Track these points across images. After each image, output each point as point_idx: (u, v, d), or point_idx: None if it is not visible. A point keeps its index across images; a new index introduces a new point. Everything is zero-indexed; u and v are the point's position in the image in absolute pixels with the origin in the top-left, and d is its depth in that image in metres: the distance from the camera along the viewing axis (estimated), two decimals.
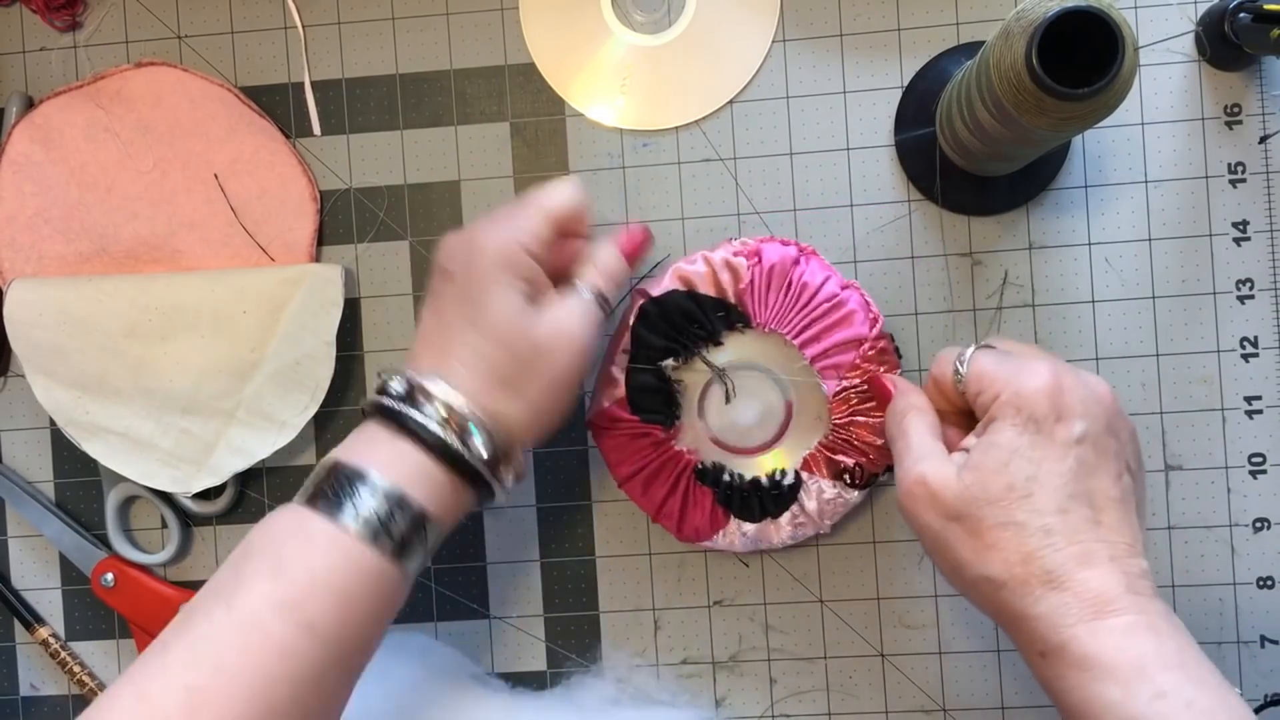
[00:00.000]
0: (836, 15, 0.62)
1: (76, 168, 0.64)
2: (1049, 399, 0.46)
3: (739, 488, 0.59)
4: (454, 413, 0.49)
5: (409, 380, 0.50)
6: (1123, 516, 0.46)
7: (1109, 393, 0.48)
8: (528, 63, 0.63)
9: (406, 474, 0.49)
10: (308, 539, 0.47)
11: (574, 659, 0.63)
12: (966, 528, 0.46)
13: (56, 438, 0.65)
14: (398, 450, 0.49)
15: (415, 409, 0.49)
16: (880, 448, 0.58)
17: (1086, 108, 0.46)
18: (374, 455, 0.49)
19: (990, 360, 0.49)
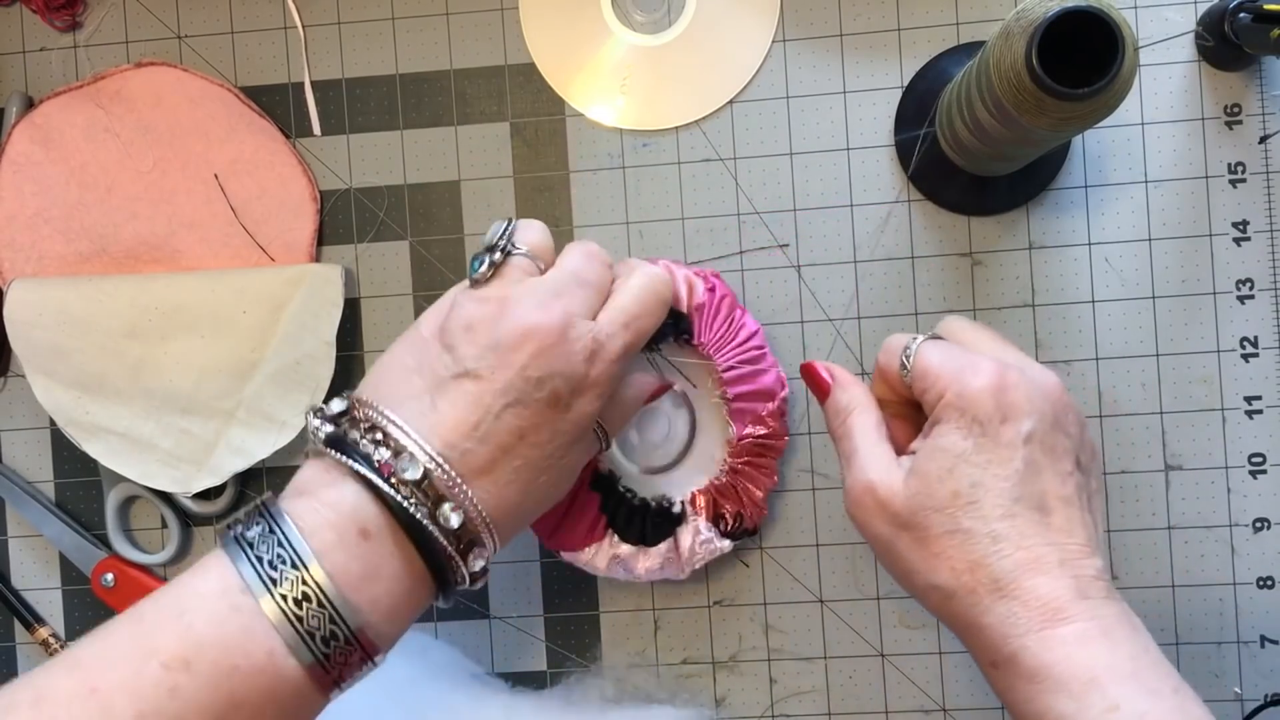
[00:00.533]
0: (836, 15, 0.62)
1: (76, 168, 0.64)
2: (993, 399, 0.44)
3: (628, 503, 0.59)
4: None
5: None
6: (1074, 515, 0.44)
7: (1057, 385, 0.46)
8: (528, 63, 0.63)
9: (331, 540, 0.43)
10: (224, 639, 0.40)
11: (574, 659, 0.63)
12: (914, 536, 0.45)
13: (56, 438, 0.65)
14: (330, 497, 0.43)
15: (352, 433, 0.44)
16: (756, 501, 0.59)
17: (1086, 108, 0.46)
18: (323, 526, 0.43)
19: (936, 355, 0.47)
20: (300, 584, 0.41)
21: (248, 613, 0.41)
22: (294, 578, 0.41)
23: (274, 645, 0.41)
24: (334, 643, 0.41)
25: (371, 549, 0.43)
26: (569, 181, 0.63)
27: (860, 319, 0.62)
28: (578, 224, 0.63)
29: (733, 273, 0.62)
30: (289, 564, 0.41)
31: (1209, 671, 0.60)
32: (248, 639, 0.40)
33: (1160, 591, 0.60)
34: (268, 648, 0.41)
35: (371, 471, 0.43)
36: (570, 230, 0.63)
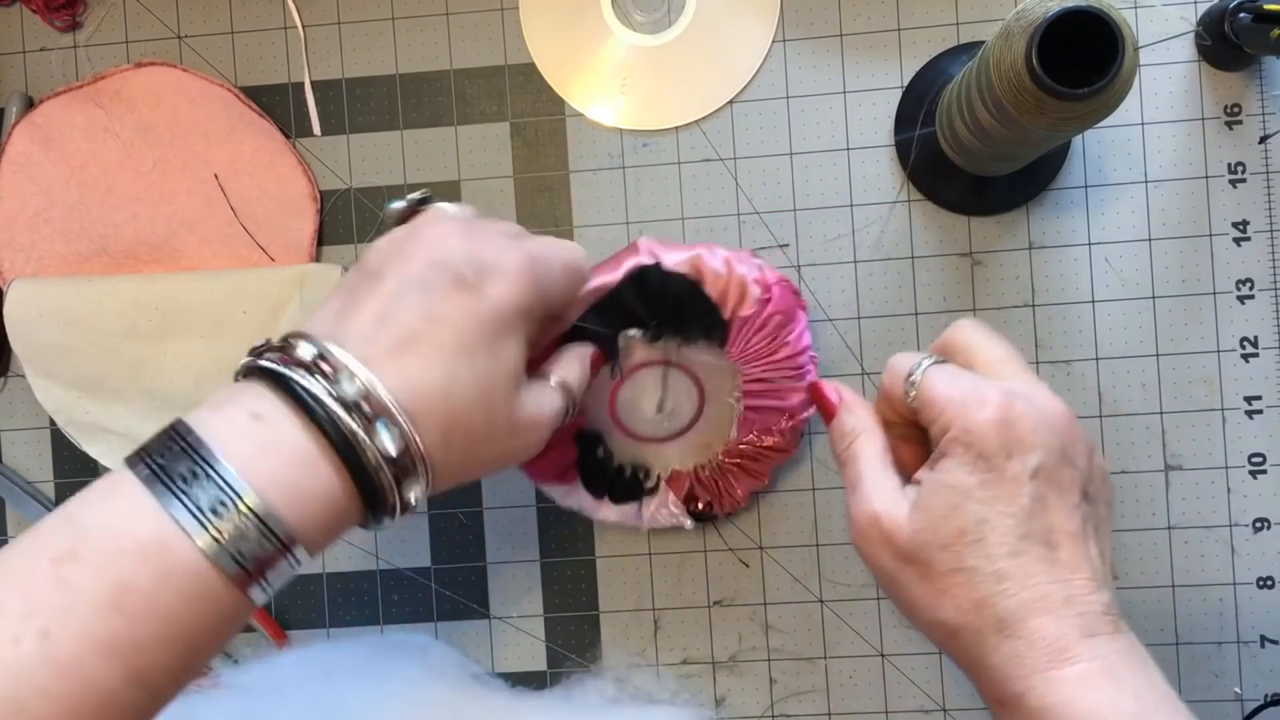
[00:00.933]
0: (836, 15, 0.62)
1: (76, 168, 0.64)
2: (998, 433, 0.43)
3: (604, 464, 0.60)
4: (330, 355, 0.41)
5: (319, 347, 0.41)
6: (1080, 550, 0.43)
7: (1064, 414, 0.45)
8: (528, 63, 0.63)
9: (269, 458, 0.39)
10: (138, 549, 0.37)
11: (574, 659, 0.63)
12: (919, 571, 0.44)
13: (56, 438, 0.65)
14: (276, 433, 0.40)
15: (313, 378, 0.41)
16: (734, 499, 0.60)
17: (1086, 108, 0.46)
18: (225, 425, 0.40)
19: (942, 384, 0.45)
20: (188, 457, 0.38)
21: (130, 494, 0.38)
22: (185, 459, 0.38)
23: (160, 522, 0.38)
24: (223, 511, 0.38)
25: (266, 429, 0.40)
26: (569, 181, 0.63)
27: (860, 319, 0.62)
28: (578, 224, 0.63)
29: None
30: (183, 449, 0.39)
31: (1209, 671, 0.60)
32: (134, 519, 0.38)
33: (1160, 591, 0.60)
34: (154, 524, 0.38)
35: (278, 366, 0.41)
36: (570, 230, 0.63)
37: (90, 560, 0.37)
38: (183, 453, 0.39)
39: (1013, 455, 0.43)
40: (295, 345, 0.42)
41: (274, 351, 0.42)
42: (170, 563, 0.37)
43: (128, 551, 0.37)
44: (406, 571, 0.64)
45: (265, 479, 0.39)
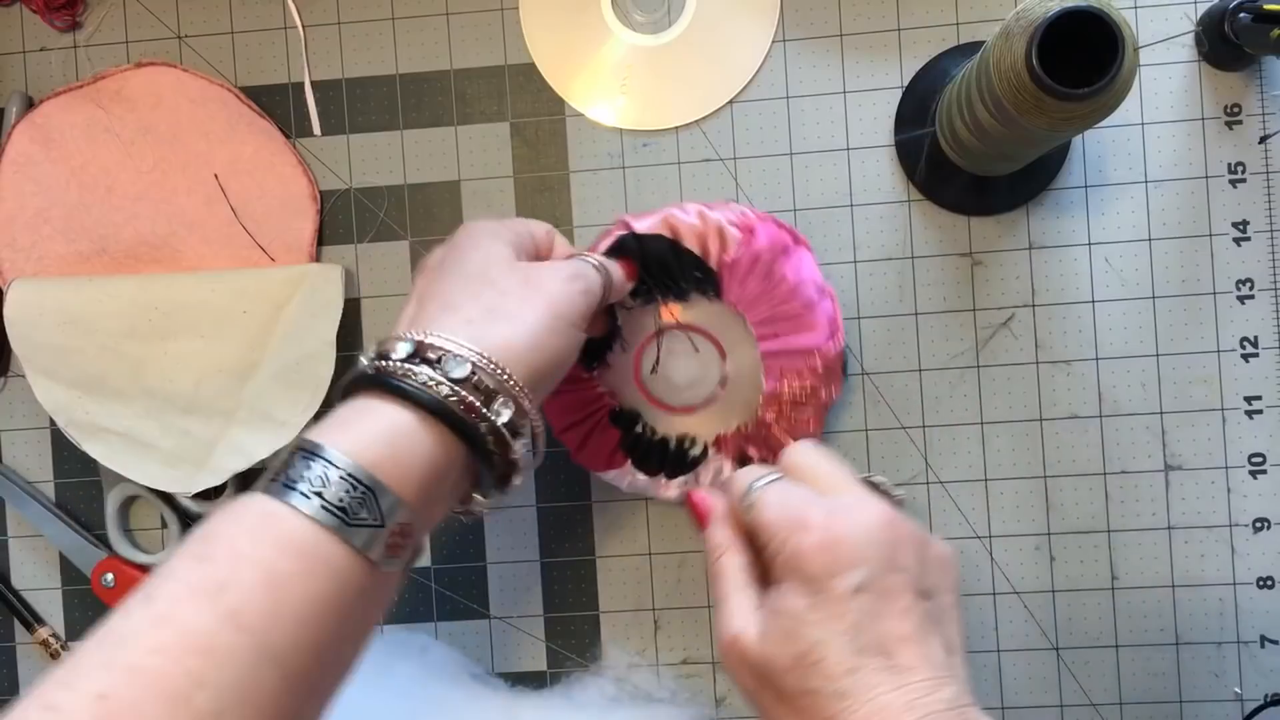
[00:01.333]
0: (836, 15, 0.62)
1: (76, 168, 0.64)
2: (820, 558, 0.44)
3: (646, 439, 0.59)
4: (428, 347, 0.44)
5: (414, 340, 0.45)
6: (917, 651, 0.44)
7: (884, 523, 0.45)
8: (528, 63, 0.63)
9: (366, 442, 0.42)
10: (239, 516, 0.41)
11: (574, 659, 0.63)
12: (773, 693, 0.45)
13: (56, 438, 0.65)
14: (366, 414, 0.43)
15: (394, 354, 0.44)
16: None
17: (1086, 108, 0.46)
18: (337, 425, 0.44)
19: (773, 505, 0.47)
20: (322, 466, 0.42)
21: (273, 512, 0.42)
22: (321, 468, 0.42)
23: (270, 504, 0.41)
24: (324, 481, 0.41)
25: (401, 437, 0.43)
26: (569, 181, 0.63)
27: (860, 319, 0.62)
28: (578, 224, 0.63)
29: None
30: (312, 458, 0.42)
31: (1209, 671, 0.60)
32: (276, 525, 0.41)
33: (1160, 591, 0.60)
34: (263, 507, 0.41)
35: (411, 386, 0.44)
36: (571, 230, 0.63)
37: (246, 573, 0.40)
38: (296, 455, 0.42)
39: (835, 575, 0.44)
40: (392, 348, 0.45)
41: (377, 359, 0.45)
42: (280, 531, 0.40)
43: (246, 533, 0.40)
44: None
45: (365, 452, 0.42)
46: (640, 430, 0.60)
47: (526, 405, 0.45)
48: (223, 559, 0.39)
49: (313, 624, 0.40)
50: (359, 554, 0.41)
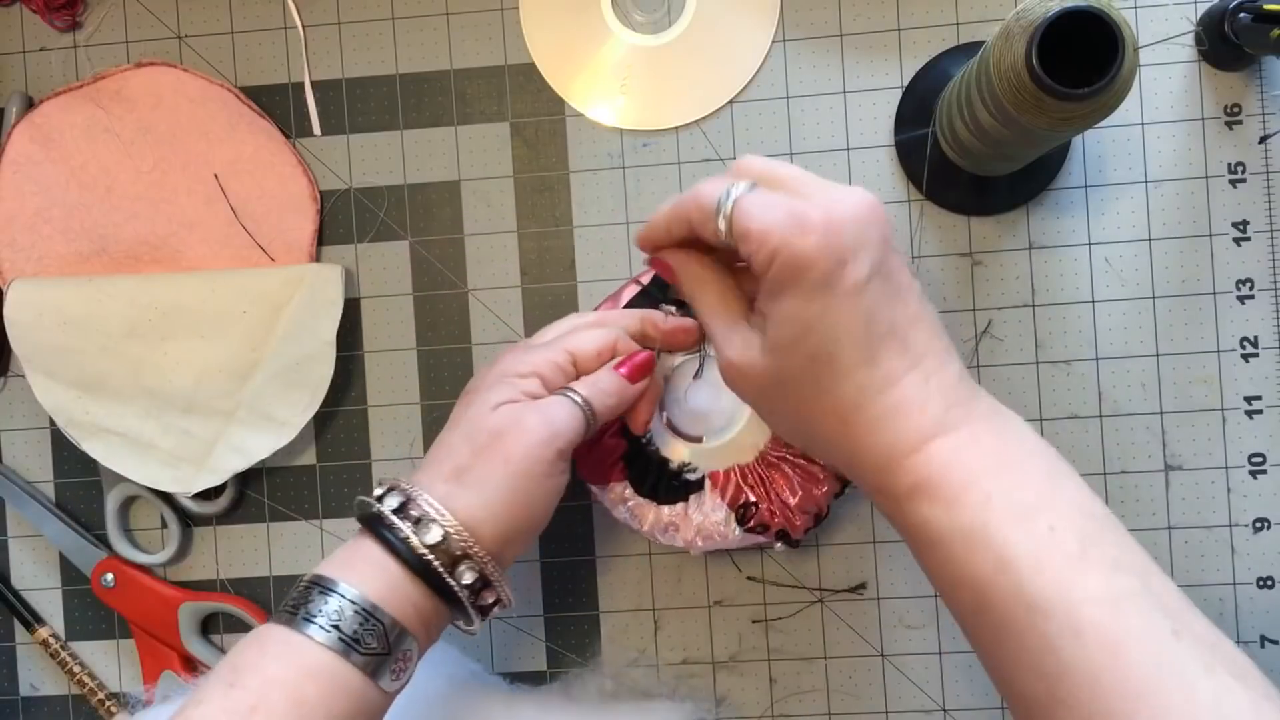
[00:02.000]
0: (836, 15, 0.62)
1: (76, 168, 0.64)
2: (827, 250, 0.43)
3: (648, 456, 0.58)
4: (412, 503, 0.48)
5: (389, 483, 0.50)
6: (927, 330, 0.45)
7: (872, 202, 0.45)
8: (528, 63, 0.63)
9: (371, 578, 0.47)
10: (264, 647, 0.46)
11: (574, 659, 0.63)
12: (785, 398, 0.46)
13: (56, 438, 0.65)
14: (364, 554, 0.48)
15: (384, 506, 0.49)
16: (788, 509, 0.57)
17: (1086, 108, 0.46)
18: (342, 563, 0.48)
19: (757, 212, 0.44)
20: (338, 600, 0.46)
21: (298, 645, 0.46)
22: (336, 603, 0.47)
23: (320, 653, 0.46)
24: (339, 615, 0.46)
25: (396, 580, 0.48)
26: (569, 181, 0.63)
27: None
28: (578, 224, 0.63)
29: None
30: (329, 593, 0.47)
31: None
32: (303, 659, 0.46)
33: None
34: (284, 635, 0.46)
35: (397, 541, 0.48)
36: (570, 230, 0.63)
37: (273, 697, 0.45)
38: (313, 590, 0.47)
39: (845, 264, 0.43)
40: (385, 495, 0.49)
41: (375, 499, 0.50)
42: (303, 659, 0.45)
43: (273, 660, 0.46)
44: None
45: (371, 589, 0.47)
46: (645, 444, 0.59)
47: (489, 570, 0.49)
48: (253, 685, 0.44)
49: None
50: (368, 677, 0.46)
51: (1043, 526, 0.42)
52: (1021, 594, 0.41)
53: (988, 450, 0.44)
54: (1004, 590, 0.41)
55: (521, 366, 0.52)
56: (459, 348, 0.63)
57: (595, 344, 0.54)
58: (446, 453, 0.50)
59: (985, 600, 0.42)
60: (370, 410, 0.64)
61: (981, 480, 0.43)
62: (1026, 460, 0.44)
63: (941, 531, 0.43)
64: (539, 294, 0.63)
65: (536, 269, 0.63)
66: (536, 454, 0.49)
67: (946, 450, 0.44)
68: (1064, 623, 0.40)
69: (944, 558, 0.43)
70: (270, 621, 0.47)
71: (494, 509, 0.49)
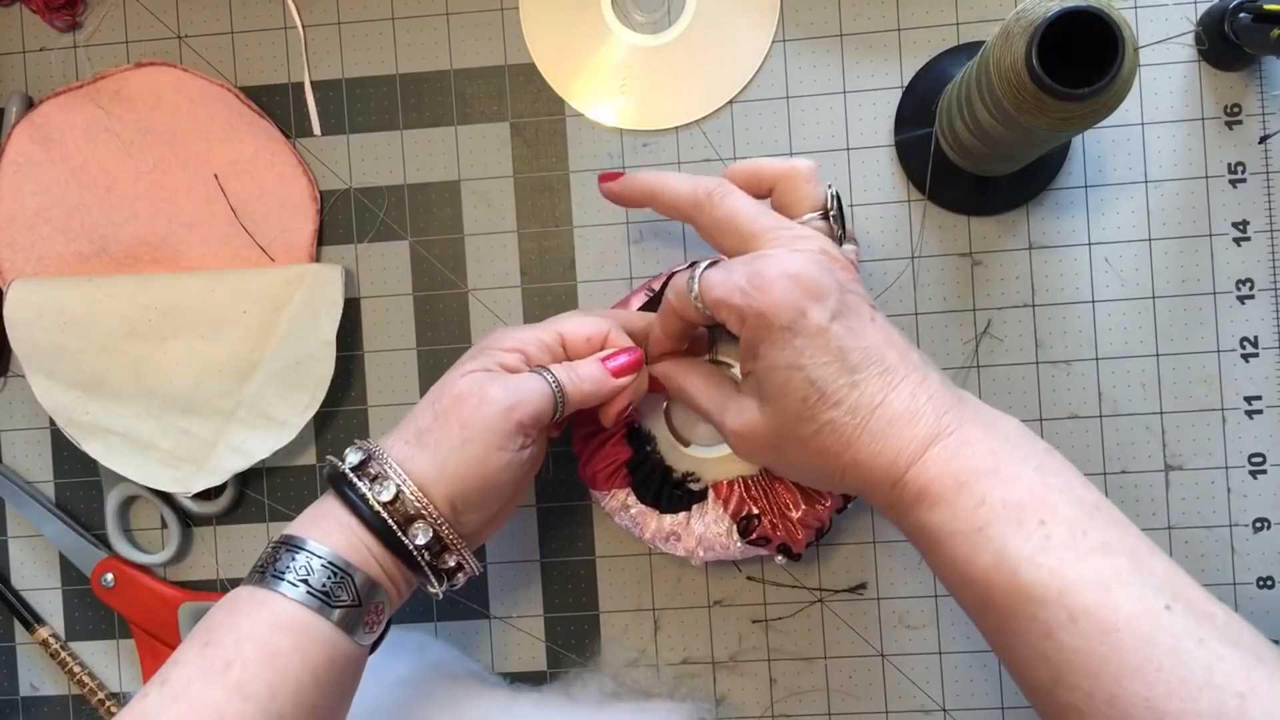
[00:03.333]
0: (836, 15, 0.62)
1: (76, 168, 0.64)
2: (789, 302, 0.46)
3: (652, 463, 0.58)
4: (372, 462, 0.50)
5: (360, 445, 0.51)
6: (899, 350, 0.48)
7: (821, 251, 0.48)
8: (528, 63, 0.63)
9: (336, 534, 0.49)
10: (235, 606, 0.47)
11: (574, 659, 0.63)
12: (793, 447, 0.48)
13: (56, 438, 0.65)
14: (329, 512, 0.50)
15: (345, 464, 0.50)
16: (790, 523, 0.57)
17: (1086, 108, 0.46)
18: (308, 521, 0.50)
19: (718, 285, 0.48)
20: (305, 557, 0.48)
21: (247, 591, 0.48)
22: (304, 559, 0.48)
23: (291, 607, 0.47)
24: (337, 585, 0.47)
25: (359, 536, 0.49)
26: (569, 181, 0.63)
27: None
28: (577, 224, 0.63)
29: None
30: (298, 550, 0.48)
31: None
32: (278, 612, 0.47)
33: None
34: (287, 608, 0.47)
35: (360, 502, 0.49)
36: (570, 230, 0.63)
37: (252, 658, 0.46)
38: (281, 549, 0.48)
39: (806, 312, 0.46)
40: (349, 453, 0.51)
41: (340, 459, 0.51)
42: (275, 614, 0.47)
43: (246, 618, 0.47)
44: None
45: (339, 544, 0.48)
46: (650, 452, 0.59)
47: (445, 531, 0.50)
48: (227, 642, 0.45)
49: (309, 690, 0.46)
50: (341, 629, 0.47)
51: (1034, 521, 0.44)
52: (1019, 587, 0.43)
53: (980, 452, 0.46)
54: (1003, 586, 0.43)
55: (507, 341, 0.53)
56: (459, 348, 0.63)
57: (586, 330, 0.54)
58: (413, 416, 0.52)
59: (988, 597, 0.44)
60: (370, 410, 0.64)
61: (976, 482, 0.45)
62: (1016, 457, 0.46)
63: (943, 535, 0.45)
64: (539, 294, 0.63)
65: (536, 269, 0.63)
66: (494, 424, 0.50)
67: (943, 456, 0.46)
68: (1058, 609, 0.42)
69: (948, 559, 0.45)
70: (242, 585, 0.49)
71: (446, 471, 0.50)
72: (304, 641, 0.46)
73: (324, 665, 0.47)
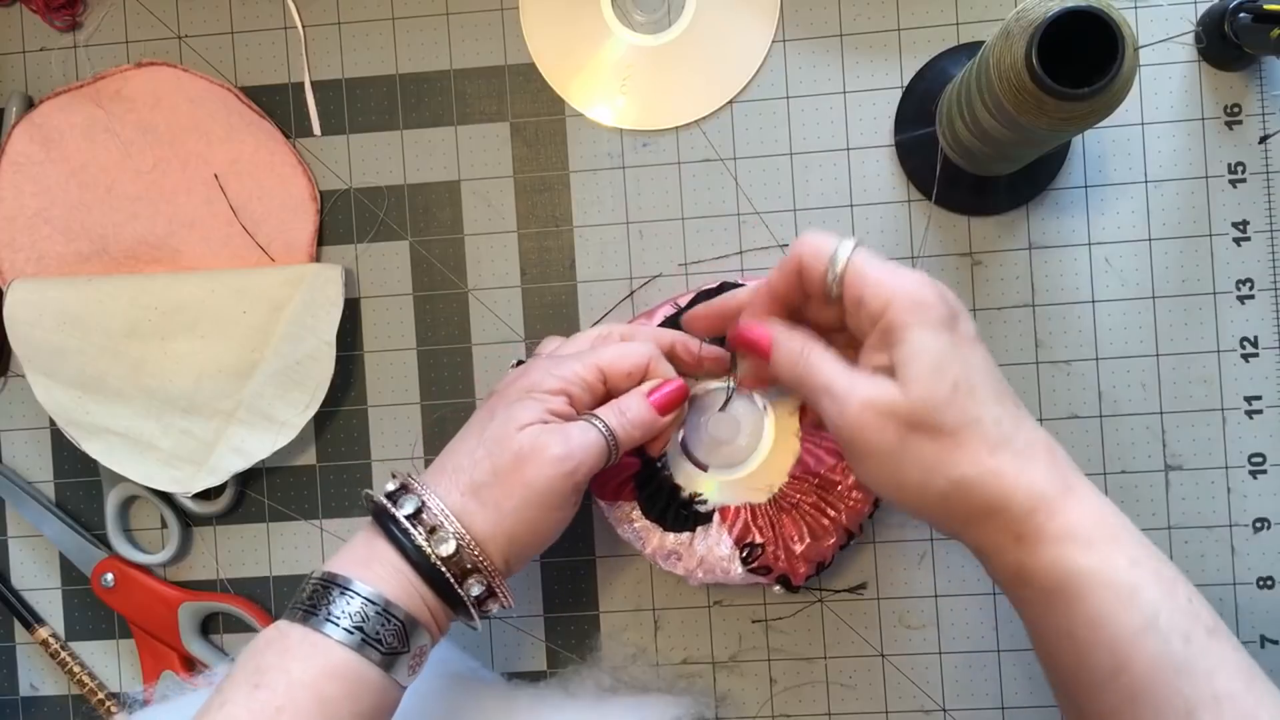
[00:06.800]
0: (836, 15, 0.62)
1: (76, 168, 0.64)
2: (942, 301, 0.46)
3: (660, 480, 0.58)
4: (426, 510, 0.50)
5: (401, 481, 0.51)
6: (1018, 398, 0.47)
7: None
8: (528, 63, 0.63)
9: (387, 579, 0.49)
10: (285, 648, 0.47)
11: (574, 659, 0.63)
12: (928, 434, 0.45)
13: (56, 438, 0.65)
14: (379, 554, 0.49)
15: (394, 505, 0.50)
16: (793, 556, 0.57)
17: (1086, 108, 0.46)
18: (358, 562, 0.49)
19: (871, 264, 0.47)
20: (360, 602, 0.48)
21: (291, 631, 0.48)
22: (358, 604, 0.48)
23: (342, 652, 0.47)
24: (387, 631, 0.48)
25: (408, 580, 0.50)
26: (569, 181, 0.63)
27: None
28: (578, 224, 0.63)
29: (733, 272, 0.62)
30: (347, 594, 0.48)
31: None
32: (328, 657, 0.47)
33: None
34: (301, 635, 0.48)
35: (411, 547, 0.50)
36: (570, 230, 0.63)
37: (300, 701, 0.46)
38: (332, 590, 0.48)
39: (958, 317, 0.46)
40: (400, 499, 0.50)
41: (386, 498, 0.51)
42: (326, 660, 0.47)
43: (298, 662, 0.47)
44: None
45: (387, 588, 0.49)
46: (660, 468, 0.58)
47: (496, 584, 0.50)
48: (278, 686, 0.46)
49: None
50: (387, 673, 0.48)
51: (1183, 598, 0.43)
52: (1169, 660, 0.42)
53: (1108, 510, 0.45)
54: (1149, 653, 0.42)
55: (550, 382, 0.52)
56: (459, 348, 0.63)
57: (628, 363, 0.54)
58: (467, 463, 0.51)
59: (1126, 661, 0.43)
60: (370, 410, 0.64)
61: (1122, 538, 0.44)
62: (1132, 528, 0.45)
63: (1093, 584, 0.43)
64: (539, 294, 0.63)
65: (536, 269, 0.63)
66: (556, 485, 0.50)
67: (1087, 502, 0.45)
68: (1205, 690, 0.41)
69: (1091, 613, 0.43)
70: (286, 620, 0.48)
71: (507, 530, 0.50)
72: (354, 689, 0.47)
73: (370, 710, 0.47)
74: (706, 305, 0.56)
